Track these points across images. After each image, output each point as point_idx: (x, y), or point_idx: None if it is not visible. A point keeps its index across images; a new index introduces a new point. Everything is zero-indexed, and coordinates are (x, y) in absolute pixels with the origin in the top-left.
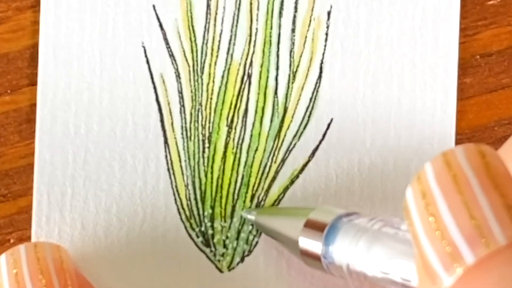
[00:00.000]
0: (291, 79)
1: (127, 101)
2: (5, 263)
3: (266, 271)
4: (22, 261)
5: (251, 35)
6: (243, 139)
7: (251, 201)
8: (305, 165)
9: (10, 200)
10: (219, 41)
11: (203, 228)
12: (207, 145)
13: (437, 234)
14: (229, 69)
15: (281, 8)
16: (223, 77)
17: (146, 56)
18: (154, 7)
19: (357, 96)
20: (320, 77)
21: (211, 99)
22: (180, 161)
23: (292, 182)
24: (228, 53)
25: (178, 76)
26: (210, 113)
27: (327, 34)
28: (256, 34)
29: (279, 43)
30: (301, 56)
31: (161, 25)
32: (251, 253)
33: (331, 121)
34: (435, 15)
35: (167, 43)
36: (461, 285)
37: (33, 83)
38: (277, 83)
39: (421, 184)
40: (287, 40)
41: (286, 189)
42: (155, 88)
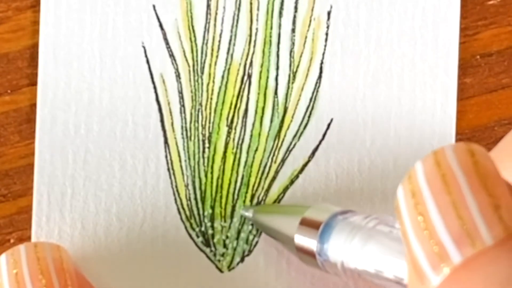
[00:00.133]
0: (291, 79)
1: (127, 101)
2: (5, 263)
3: (266, 271)
4: (22, 261)
5: (251, 35)
6: (243, 139)
7: (251, 201)
8: (305, 165)
9: (10, 200)
10: (219, 41)
11: (203, 228)
12: (207, 145)
13: (425, 233)
14: (229, 69)
15: (281, 8)
16: (223, 77)
17: (146, 56)
18: (154, 7)
19: (357, 96)
20: (320, 77)
21: (211, 99)
22: (180, 161)
23: (292, 182)
24: (228, 53)
25: (178, 76)
26: (210, 113)
27: (327, 34)
28: (256, 34)
29: (279, 43)
30: (301, 56)
31: (161, 25)
32: (251, 253)
33: (331, 121)
34: (435, 15)
35: (167, 43)
36: (448, 284)
37: (33, 83)
38: (277, 83)
39: (411, 183)
40: (287, 40)
41: (286, 189)
42: (155, 88)
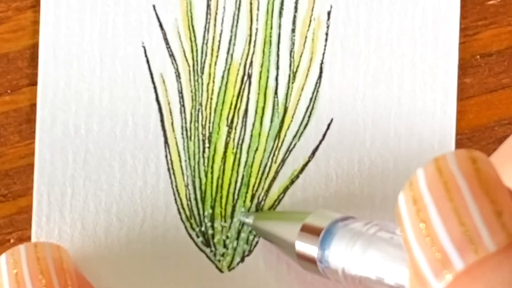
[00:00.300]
0: (291, 79)
1: (127, 101)
2: (5, 263)
3: (266, 271)
4: (22, 261)
5: (251, 35)
6: (243, 139)
7: (251, 201)
8: (305, 165)
9: (10, 200)
10: (219, 41)
11: (203, 228)
12: (207, 145)
13: (427, 240)
14: (229, 69)
15: (281, 8)
16: (223, 77)
17: (146, 56)
18: (154, 7)
19: (357, 96)
20: (320, 77)
21: (211, 99)
22: (180, 161)
23: (292, 182)
24: (228, 53)
25: (178, 76)
26: (210, 113)
27: (327, 34)
28: (256, 34)
29: (279, 43)
30: (301, 56)
31: (161, 25)
32: (251, 253)
33: (331, 121)
34: (435, 15)
35: (167, 43)
36: None
37: (33, 83)
38: (277, 83)
39: (413, 190)
40: (287, 40)
41: (286, 189)
42: (155, 88)
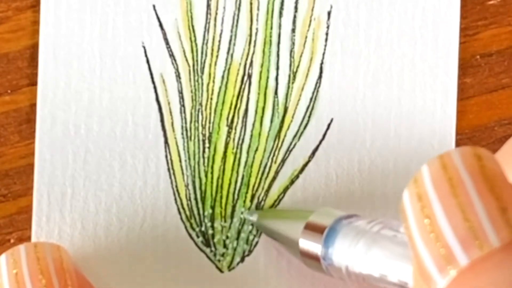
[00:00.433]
0: (291, 79)
1: (127, 101)
2: (5, 263)
3: (266, 271)
4: (22, 261)
5: (251, 35)
6: (243, 139)
7: (251, 201)
8: (305, 165)
9: (10, 200)
10: (219, 41)
11: (203, 228)
12: (207, 145)
13: (432, 236)
14: (229, 69)
15: (281, 8)
16: (223, 77)
17: (146, 56)
18: (154, 7)
19: (357, 96)
20: (320, 77)
21: (211, 99)
22: (180, 161)
23: (292, 182)
24: (228, 53)
25: (178, 76)
26: (210, 113)
27: (327, 34)
28: (256, 34)
29: (279, 43)
30: (301, 56)
31: (161, 25)
32: (251, 253)
33: (331, 121)
34: (435, 15)
35: (167, 43)
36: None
37: (33, 83)
38: (277, 83)
39: (418, 187)
40: (287, 40)
41: (286, 189)
42: (155, 88)
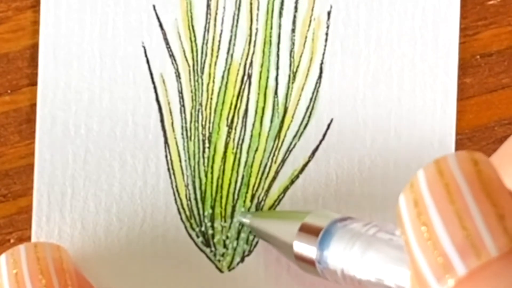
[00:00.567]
0: (291, 79)
1: (127, 101)
2: (5, 263)
3: (266, 271)
4: (22, 261)
5: (251, 35)
6: (243, 139)
7: (251, 201)
8: (305, 165)
9: (10, 200)
10: (219, 41)
11: (203, 228)
12: (207, 145)
13: (429, 244)
14: (229, 69)
15: (281, 8)
16: (223, 77)
17: (146, 56)
18: (154, 7)
19: (357, 96)
20: (320, 77)
21: (211, 99)
22: (180, 161)
23: (292, 182)
24: (228, 53)
25: (178, 76)
26: (210, 113)
27: (327, 34)
28: (256, 34)
29: (279, 43)
30: (301, 56)
31: (161, 25)
32: (251, 253)
33: (331, 121)
34: (435, 15)
35: (167, 43)
36: None
37: (33, 83)
38: (277, 83)
39: (414, 192)
40: (287, 40)
41: (286, 189)
42: (155, 88)
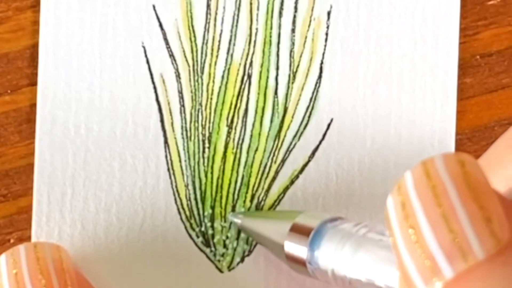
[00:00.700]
0: (291, 79)
1: (127, 101)
2: (5, 263)
3: (266, 271)
4: (21, 261)
5: (251, 35)
6: (243, 139)
7: (251, 201)
8: (305, 165)
9: (10, 200)
10: (219, 41)
11: (203, 228)
12: (207, 145)
13: (416, 247)
14: (229, 69)
15: (281, 8)
16: (223, 77)
17: (146, 56)
18: (154, 7)
19: (357, 96)
20: (320, 77)
21: (211, 99)
22: (180, 161)
23: (292, 182)
24: (228, 53)
25: (178, 76)
26: (210, 113)
27: (327, 34)
28: (256, 34)
29: (279, 43)
30: (301, 56)
31: (161, 25)
32: (251, 253)
33: (331, 121)
34: (435, 15)
35: (167, 43)
36: None
37: (33, 83)
38: (277, 83)
39: (401, 194)
40: (287, 40)
41: (286, 189)
42: (155, 88)
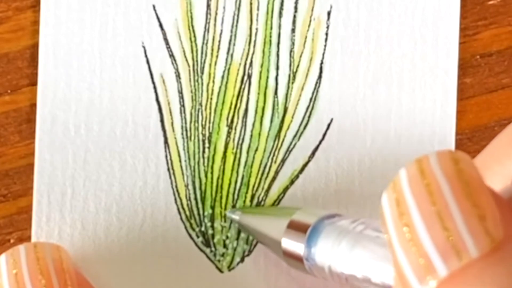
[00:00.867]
0: (291, 79)
1: (127, 101)
2: (5, 263)
3: (266, 271)
4: (21, 261)
5: (251, 35)
6: (243, 139)
7: (251, 201)
8: (305, 165)
9: (10, 200)
10: (219, 41)
11: (203, 228)
12: (207, 145)
13: (411, 245)
14: (229, 69)
15: (281, 8)
16: (223, 77)
17: (146, 56)
18: (154, 7)
19: (357, 96)
20: (320, 77)
21: (211, 99)
22: (180, 161)
23: (292, 182)
24: (228, 53)
25: (178, 76)
26: (210, 113)
27: (327, 34)
28: (256, 34)
29: (279, 43)
30: (301, 56)
31: (161, 25)
32: (251, 253)
33: (331, 121)
34: (435, 15)
35: (167, 43)
36: None
37: (33, 83)
38: (277, 83)
39: (396, 191)
40: (287, 40)
41: (286, 189)
42: (155, 88)
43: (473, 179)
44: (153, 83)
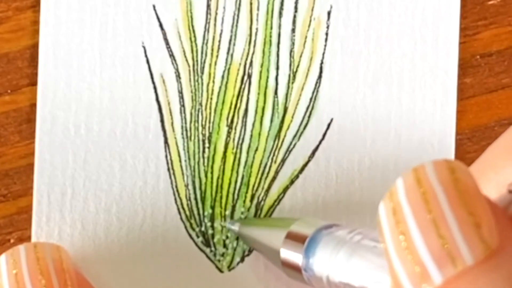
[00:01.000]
0: (291, 79)
1: (127, 101)
2: (5, 263)
3: (266, 271)
4: (21, 261)
5: (251, 35)
6: (243, 139)
7: (251, 201)
8: (305, 165)
9: (10, 200)
10: (219, 41)
11: (203, 228)
12: (207, 145)
13: (407, 252)
14: (229, 69)
15: (281, 8)
16: (223, 77)
17: (146, 56)
18: (154, 7)
19: (357, 96)
20: (320, 77)
21: (211, 99)
22: (180, 161)
23: (292, 182)
24: (228, 53)
25: (178, 76)
26: (210, 113)
27: (327, 34)
28: (256, 34)
29: (279, 43)
30: (301, 56)
31: (161, 25)
32: (251, 253)
33: (331, 121)
34: (435, 15)
35: (167, 43)
36: None
37: (33, 83)
38: (277, 83)
39: (393, 201)
40: (287, 40)
41: (286, 189)
42: (155, 88)
43: (469, 187)
44: (153, 83)
